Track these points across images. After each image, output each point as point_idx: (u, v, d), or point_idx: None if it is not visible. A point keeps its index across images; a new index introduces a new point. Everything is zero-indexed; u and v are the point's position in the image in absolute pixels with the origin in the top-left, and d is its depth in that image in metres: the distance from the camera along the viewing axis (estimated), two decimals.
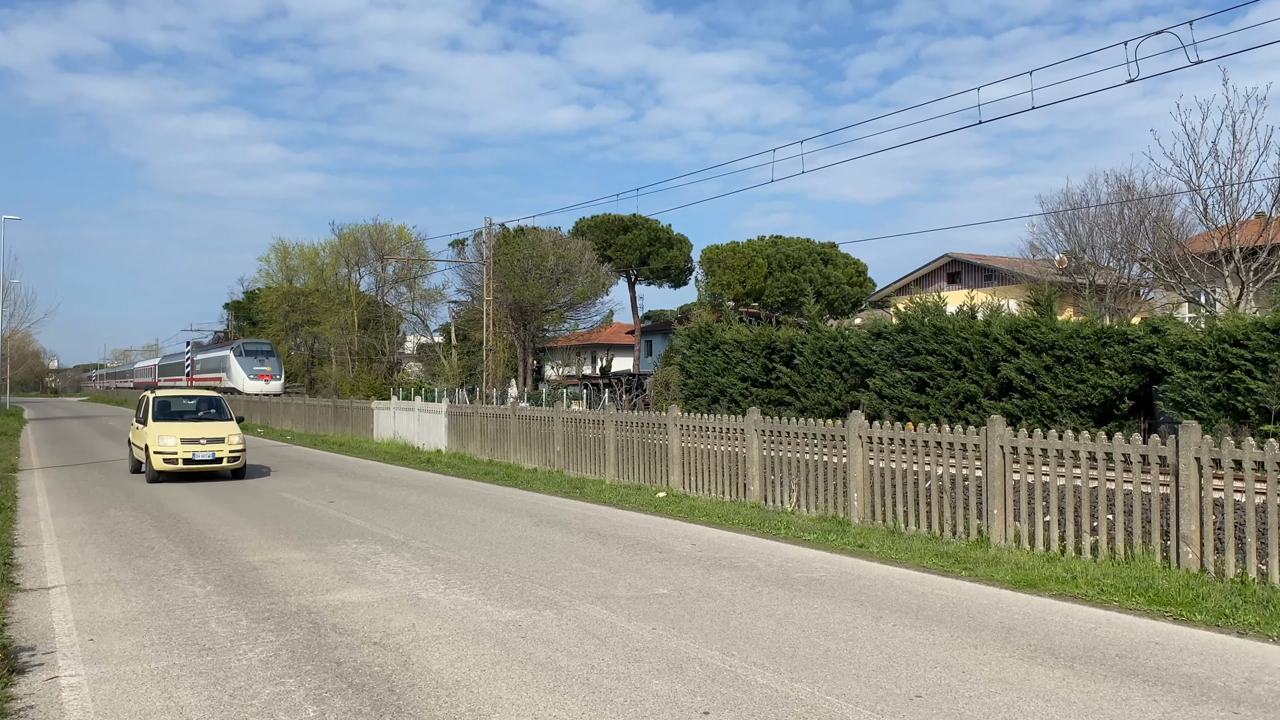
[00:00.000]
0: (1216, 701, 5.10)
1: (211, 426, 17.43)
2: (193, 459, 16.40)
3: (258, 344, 53.32)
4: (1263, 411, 14.08)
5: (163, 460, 16.29)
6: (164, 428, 16.91)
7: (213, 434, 16.98)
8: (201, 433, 16.99)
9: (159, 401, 18.14)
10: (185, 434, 16.76)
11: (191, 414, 18.31)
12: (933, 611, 7.08)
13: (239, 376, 50.09)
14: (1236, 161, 23.25)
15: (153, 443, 16.47)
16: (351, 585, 8.07)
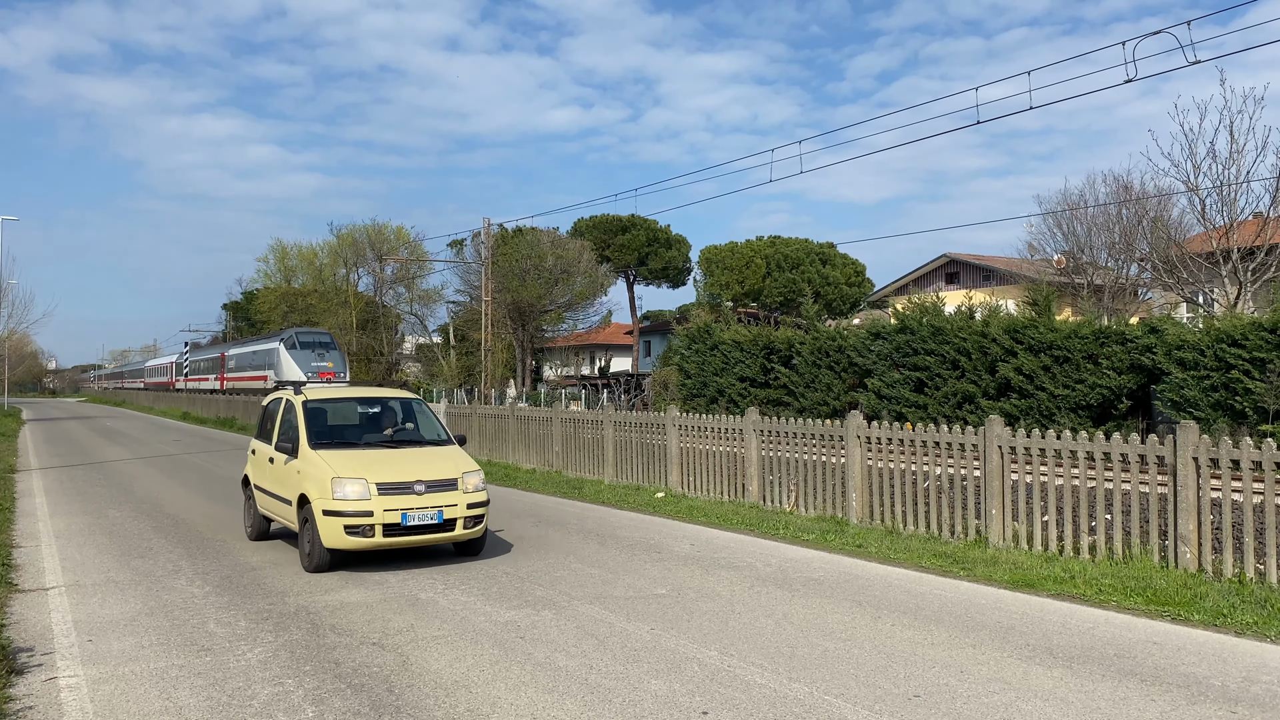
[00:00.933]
0: (1214, 701, 5.11)
1: (421, 457, 9.51)
2: (403, 524, 8.70)
3: (314, 334, 43.96)
4: (1260, 411, 14.09)
5: (344, 528, 8.59)
6: (338, 461, 9.04)
7: (430, 471, 9.14)
8: (410, 470, 9.09)
9: (312, 410, 10.03)
10: (383, 473, 8.92)
11: (375, 433, 10.19)
12: (931, 611, 7.09)
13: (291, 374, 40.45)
14: (1234, 161, 23.28)
15: (320, 491, 8.78)
16: (350, 585, 8.08)
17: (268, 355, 44.46)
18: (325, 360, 41.05)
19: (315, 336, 43.39)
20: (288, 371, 41.01)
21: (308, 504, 8.86)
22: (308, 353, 41.27)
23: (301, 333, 43.61)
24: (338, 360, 41.96)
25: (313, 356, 40.94)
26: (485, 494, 9.34)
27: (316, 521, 8.62)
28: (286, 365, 41.23)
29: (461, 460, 9.57)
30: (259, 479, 10.58)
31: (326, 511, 8.59)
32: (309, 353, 41.31)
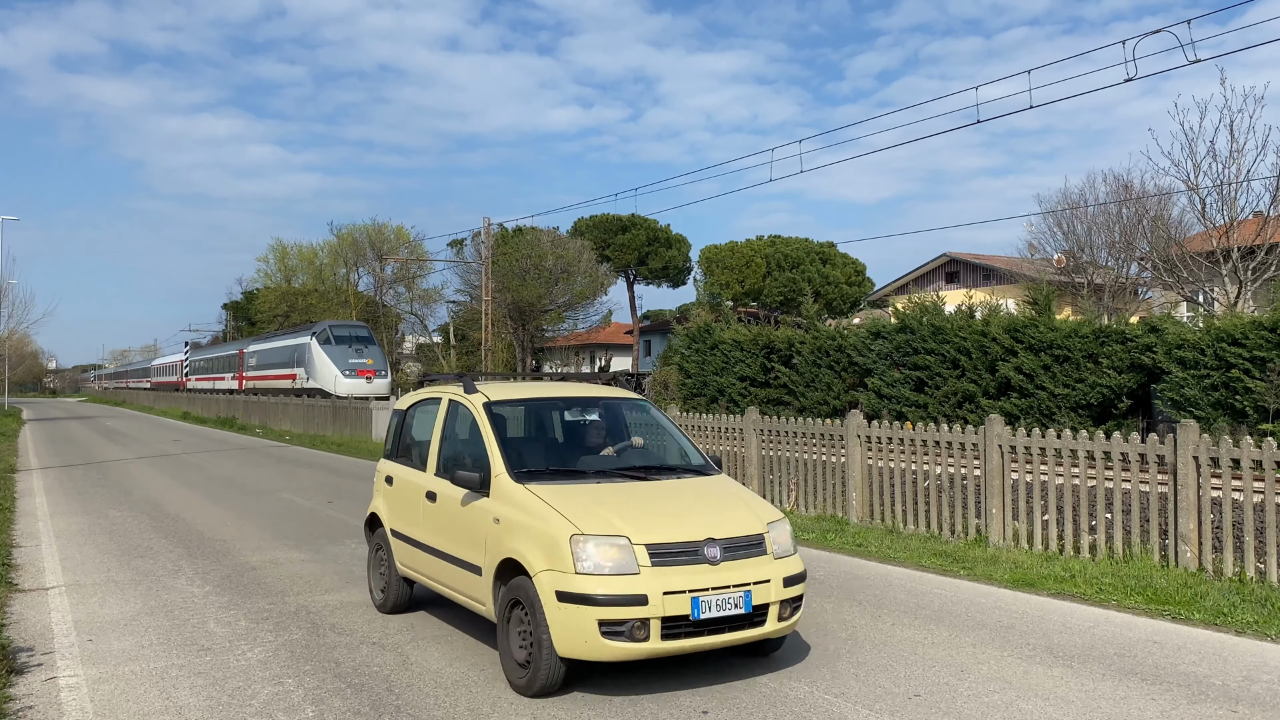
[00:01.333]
0: (1214, 700, 5.10)
1: (692, 496, 5.90)
2: (693, 618, 5.11)
3: (350, 327, 39.05)
4: (1261, 410, 14.09)
5: (598, 624, 4.98)
6: (571, 504, 5.43)
7: (720, 522, 5.47)
8: (690, 520, 5.45)
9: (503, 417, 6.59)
10: (651, 526, 5.30)
11: (596, 454, 6.61)
12: (931, 610, 7.09)
13: (325, 373, 36.06)
14: (1234, 161, 23.28)
15: (548, 556, 5.21)
16: (350, 585, 8.07)
17: (296, 351, 39.53)
18: (364, 357, 35.82)
19: (352, 330, 38.13)
20: (321, 370, 36.42)
21: (520, 577, 5.37)
22: (344, 348, 36.33)
23: (336, 326, 38.32)
24: (378, 357, 36.66)
25: (349, 353, 35.98)
26: (799, 559, 5.72)
27: (544, 611, 5.11)
28: (319, 363, 36.50)
29: (755, 502, 5.92)
30: (403, 522, 6.97)
31: (565, 595, 5.07)
32: (345, 348, 36.35)
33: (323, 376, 36.08)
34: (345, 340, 36.90)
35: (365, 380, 35.01)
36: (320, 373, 36.00)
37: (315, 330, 38.42)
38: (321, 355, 36.49)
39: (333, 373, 35.21)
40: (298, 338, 40.16)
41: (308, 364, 37.44)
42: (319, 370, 36.31)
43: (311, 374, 36.79)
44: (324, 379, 36.08)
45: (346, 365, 35.37)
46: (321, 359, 36.40)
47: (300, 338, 39.66)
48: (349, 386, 34.70)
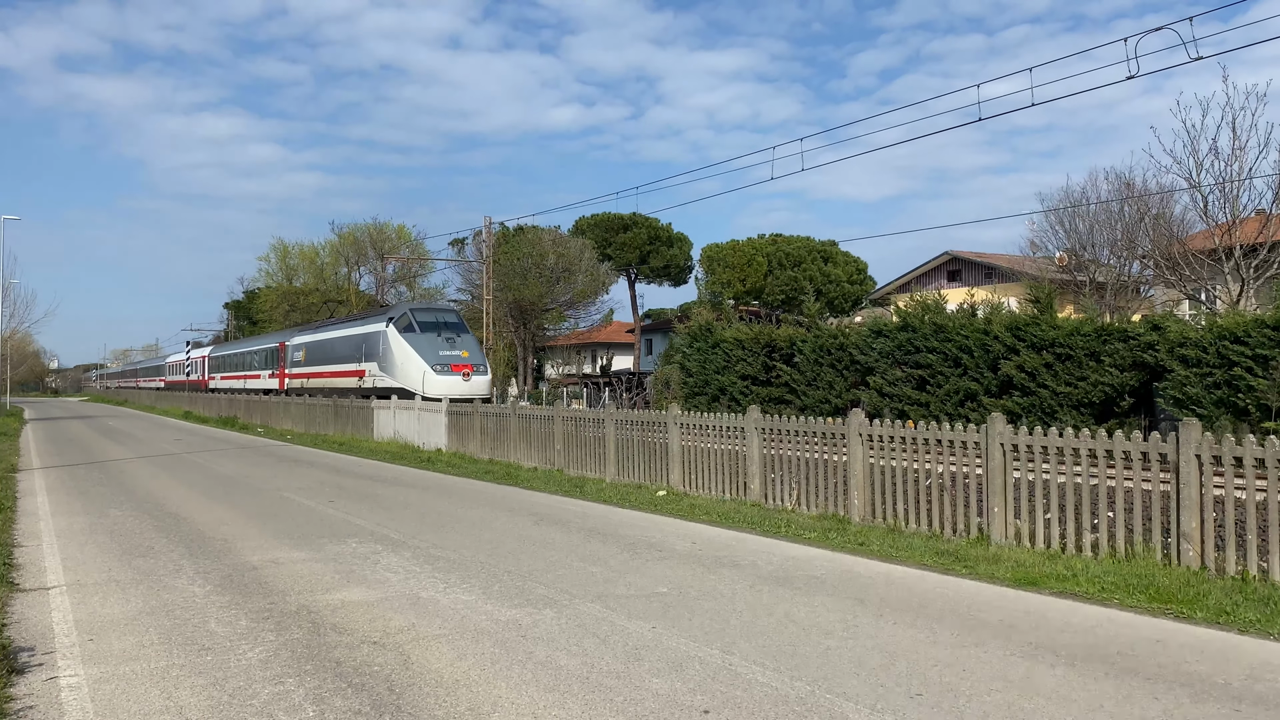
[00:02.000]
0: (1217, 699, 5.09)
1: None
2: None
3: (436, 310, 32.08)
4: (1263, 408, 14.07)
5: None
6: None
7: None
8: None
9: None
10: None
11: None
12: (933, 609, 7.08)
13: (409, 369, 28.91)
14: (1237, 158, 23.27)
15: None
16: (351, 585, 8.07)
17: (366, 342, 32.16)
18: (457, 349, 28.84)
19: (439, 315, 30.71)
20: (402, 365, 29.13)
21: None
22: (431, 337, 29.05)
23: (420, 310, 31.14)
24: (473, 348, 29.61)
25: (439, 343, 28.97)
26: None
27: None
28: (400, 356, 29.37)
29: None
30: None
31: None
32: (433, 337, 29.09)
33: (405, 373, 28.90)
34: (432, 327, 29.66)
35: (461, 378, 28.19)
36: (402, 368, 29.03)
37: (393, 315, 31.05)
38: (403, 346, 29.28)
39: (419, 368, 28.20)
40: (366, 325, 32.80)
41: (382, 358, 30.37)
42: (400, 365, 29.25)
43: (388, 370, 29.85)
44: (407, 376, 28.82)
45: (436, 358, 28.37)
46: (403, 351, 29.23)
47: (370, 325, 32.38)
48: (442, 386, 27.65)
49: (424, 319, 30.23)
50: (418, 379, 28.47)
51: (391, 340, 30.02)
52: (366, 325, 33.00)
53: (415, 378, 28.55)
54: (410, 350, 29.03)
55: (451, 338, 29.62)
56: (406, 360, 29.06)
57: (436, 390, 27.25)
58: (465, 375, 28.36)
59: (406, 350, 29.17)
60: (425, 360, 28.43)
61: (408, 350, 29.13)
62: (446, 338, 29.48)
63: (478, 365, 29.13)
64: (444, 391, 26.87)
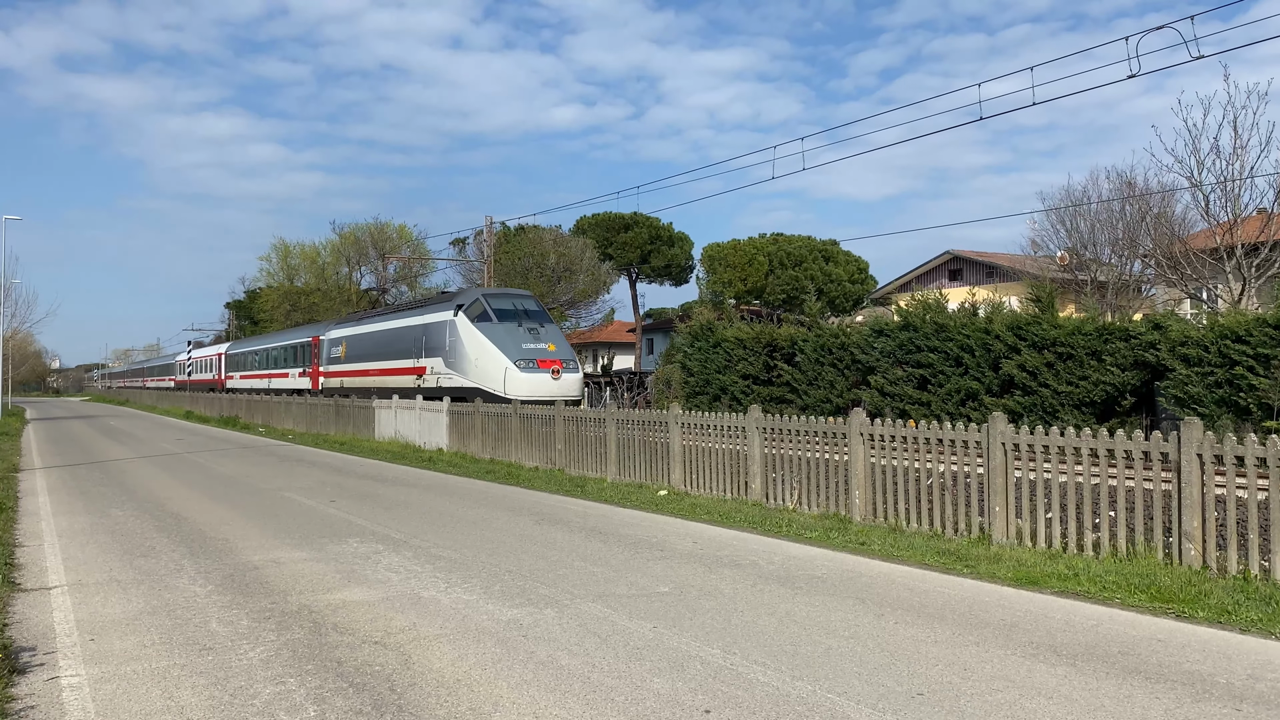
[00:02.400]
0: (1219, 698, 5.09)
1: None
2: None
3: (512, 296, 27.20)
4: (1265, 408, 14.06)
5: None
6: None
7: None
8: None
9: None
10: None
11: None
12: (934, 609, 7.07)
13: (488, 365, 24.47)
14: (1238, 157, 23.24)
15: None
16: (352, 584, 8.07)
17: (428, 334, 27.51)
18: (542, 340, 24.63)
19: (516, 301, 26.30)
20: (479, 360, 24.67)
21: None
22: (511, 327, 24.86)
23: (494, 295, 26.51)
24: (561, 341, 25.32)
25: (522, 334, 24.73)
26: None
27: None
28: (473, 350, 24.93)
29: None
30: None
31: None
32: (513, 327, 24.85)
33: (482, 370, 24.40)
34: (510, 315, 25.41)
35: (550, 376, 23.69)
36: (477, 365, 24.59)
37: (462, 301, 26.47)
38: (477, 339, 24.87)
39: (499, 365, 23.76)
40: (428, 313, 28.05)
41: (450, 352, 25.91)
42: (474, 361, 24.77)
43: (459, 366, 25.46)
44: (484, 373, 24.38)
45: (520, 353, 23.99)
46: (477, 344, 24.80)
47: (434, 313, 27.69)
48: (528, 385, 23.50)
49: (500, 305, 25.77)
50: (497, 377, 23.91)
51: (462, 331, 25.42)
52: (428, 314, 27.98)
53: (494, 375, 24.02)
54: (487, 343, 24.50)
55: (534, 328, 25.14)
56: (483, 355, 24.57)
57: (522, 390, 23.34)
58: (555, 373, 23.79)
59: (482, 343, 24.62)
60: (507, 355, 23.97)
61: (484, 343, 24.58)
62: (529, 328, 25.03)
63: (567, 361, 24.49)
64: (530, 392, 23.25)
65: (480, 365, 24.62)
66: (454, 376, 25.72)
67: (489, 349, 24.42)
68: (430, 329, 27.50)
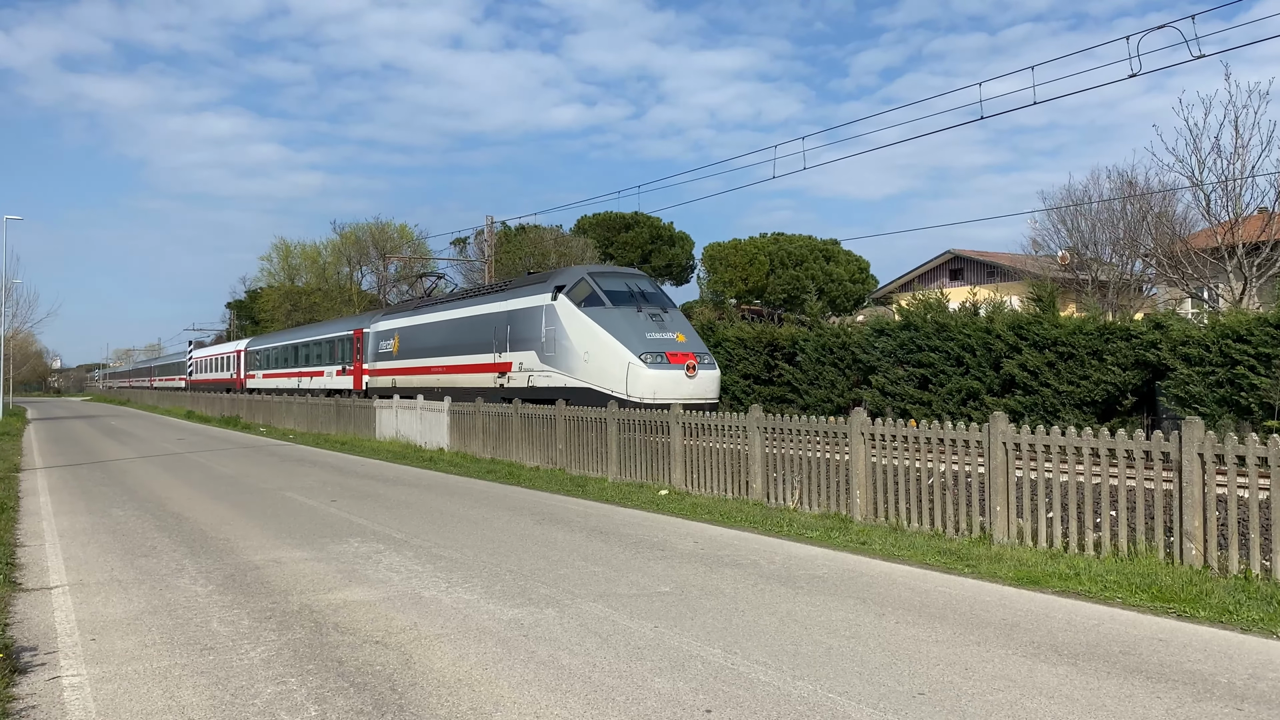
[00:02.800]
0: (1220, 698, 5.08)
1: None
2: None
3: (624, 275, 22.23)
4: (1266, 407, 14.05)
5: None
6: None
7: None
8: None
9: None
10: None
11: None
12: (935, 609, 7.07)
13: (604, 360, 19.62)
14: (1239, 157, 23.24)
15: None
16: (353, 584, 8.07)
17: (515, 323, 22.51)
18: (668, 329, 19.59)
19: (630, 282, 21.23)
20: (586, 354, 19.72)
21: None
22: (629, 312, 19.80)
23: (601, 274, 21.50)
24: (689, 331, 20.29)
25: (643, 321, 19.65)
26: None
27: None
28: (581, 341, 19.93)
29: None
30: None
31: None
32: (631, 313, 19.80)
33: (598, 365, 19.37)
34: (625, 298, 20.33)
35: (685, 372, 18.69)
36: (592, 359, 19.54)
37: (562, 282, 21.33)
38: (587, 328, 19.80)
39: (620, 359, 18.81)
40: (517, 298, 22.87)
41: (548, 344, 20.94)
42: (587, 354, 19.70)
43: (560, 361, 20.48)
44: (601, 370, 19.30)
45: (644, 344, 18.95)
46: (588, 334, 19.75)
47: (523, 297, 22.54)
48: (657, 384, 18.48)
49: (612, 286, 20.67)
50: (616, 374, 18.90)
51: (564, 318, 20.45)
52: (514, 298, 22.99)
53: (613, 372, 19.00)
54: (601, 333, 19.48)
55: (656, 314, 20.05)
56: (596, 348, 19.51)
57: (649, 390, 18.38)
58: (690, 369, 18.82)
59: (594, 333, 19.62)
60: (629, 347, 18.89)
61: (596, 333, 19.57)
62: (650, 314, 19.93)
63: (701, 354, 19.45)
64: (661, 393, 18.30)
65: (594, 360, 19.57)
66: (553, 374, 20.87)
67: (604, 340, 19.37)
68: (518, 317, 22.50)
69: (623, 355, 18.99)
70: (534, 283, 22.97)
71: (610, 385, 19.07)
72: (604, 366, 19.35)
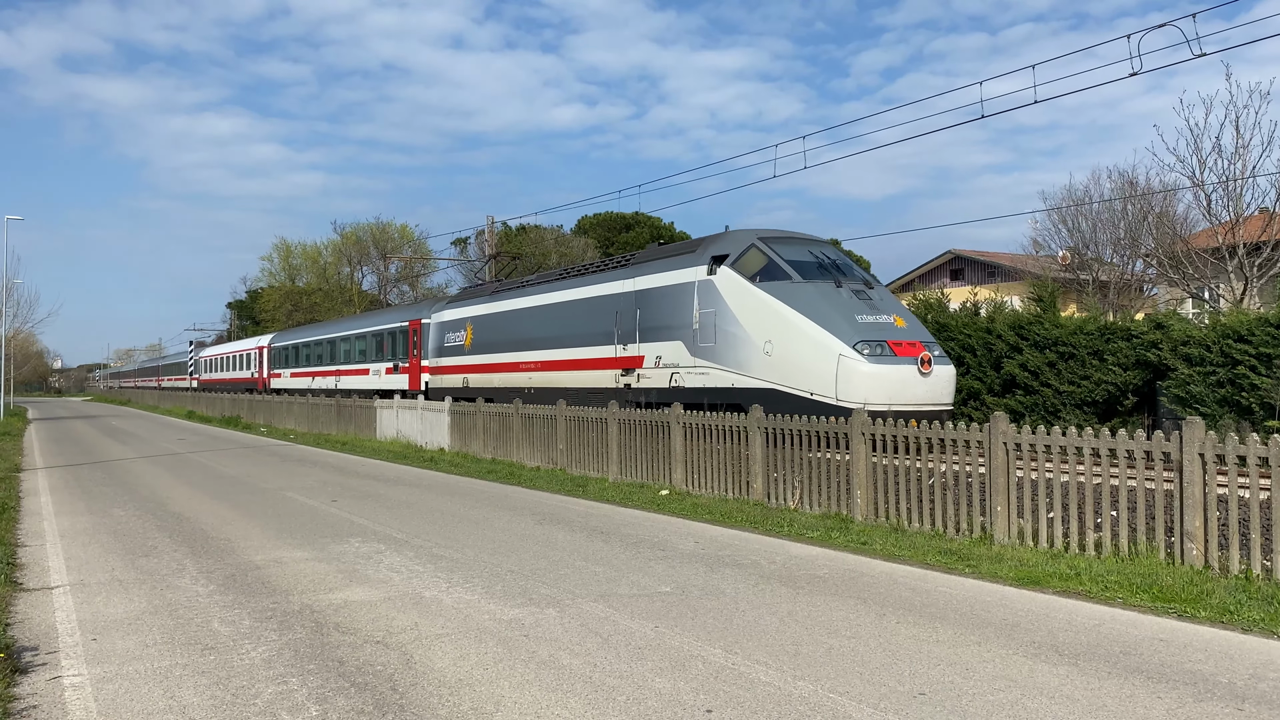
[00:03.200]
0: (1221, 698, 5.08)
1: None
2: None
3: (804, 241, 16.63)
4: (1267, 407, 14.05)
5: None
6: None
7: None
8: None
9: None
10: None
11: None
12: (936, 609, 7.07)
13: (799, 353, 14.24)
14: (1240, 157, 23.24)
15: None
16: (354, 584, 8.07)
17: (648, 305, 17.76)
18: (882, 311, 15.00)
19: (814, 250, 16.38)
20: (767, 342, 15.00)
21: None
22: (826, 288, 15.11)
23: (776, 239, 16.47)
24: (906, 314, 15.76)
25: (848, 300, 14.93)
26: None
27: None
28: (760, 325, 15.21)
29: None
30: None
31: None
32: (830, 289, 15.12)
33: (793, 360, 14.62)
34: (815, 270, 15.65)
35: (915, 367, 14.08)
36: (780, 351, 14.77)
37: (724, 251, 16.41)
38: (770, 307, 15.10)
39: (829, 350, 14.08)
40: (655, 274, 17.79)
41: (704, 331, 16.17)
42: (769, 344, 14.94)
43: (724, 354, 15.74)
44: (795, 366, 14.59)
45: (858, 330, 14.29)
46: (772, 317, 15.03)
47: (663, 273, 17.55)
48: (882, 384, 13.88)
49: (795, 255, 15.70)
50: (822, 371, 13.98)
51: (730, 297, 15.53)
52: (650, 274, 17.78)
53: (816, 368, 14.10)
54: (791, 315, 14.56)
55: (860, 290, 15.18)
56: (785, 335, 14.61)
57: (870, 393, 13.68)
58: (924, 363, 14.06)
59: (780, 315, 14.71)
60: (837, 335, 14.05)
61: (784, 315, 14.65)
62: (853, 290, 15.10)
63: (930, 344, 14.68)
64: (888, 396, 13.73)
65: (781, 353, 14.57)
66: (711, 371, 15.80)
67: (798, 325, 14.41)
68: (653, 298, 17.46)
69: (829, 345, 13.92)
70: (674, 254, 17.69)
71: (809, 386, 14.12)
72: (798, 361, 14.36)
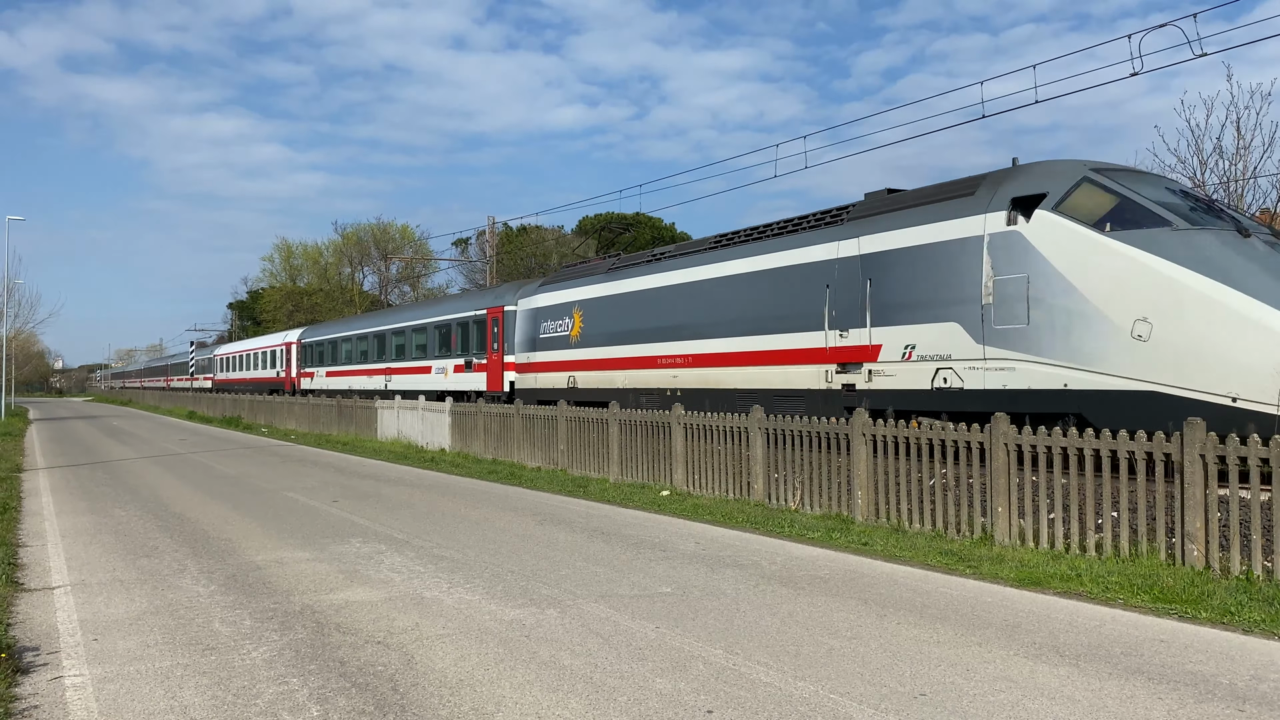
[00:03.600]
0: (1221, 699, 5.08)
1: None
2: None
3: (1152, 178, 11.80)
4: None
5: None
6: None
7: None
8: None
9: None
10: None
11: None
12: (937, 609, 7.07)
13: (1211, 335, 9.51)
14: (1241, 158, 23.21)
15: None
16: (355, 584, 8.08)
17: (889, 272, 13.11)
18: None
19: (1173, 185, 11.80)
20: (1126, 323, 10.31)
21: None
22: (1228, 237, 10.22)
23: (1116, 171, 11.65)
24: None
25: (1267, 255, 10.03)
26: None
27: None
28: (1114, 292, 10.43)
29: None
30: None
31: None
32: (1232, 238, 10.19)
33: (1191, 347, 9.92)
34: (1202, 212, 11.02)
35: None
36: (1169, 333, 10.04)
37: (1034, 190, 11.61)
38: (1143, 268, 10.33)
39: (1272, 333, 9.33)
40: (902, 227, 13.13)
41: (1003, 305, 11.61)
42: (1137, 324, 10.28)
43: (1048, 341, 11.13)
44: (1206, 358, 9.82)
45: None
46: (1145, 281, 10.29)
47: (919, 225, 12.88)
48: None
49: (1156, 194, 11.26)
50: (1261, 366, 9.63)
51: (1061, 255, 11.22)
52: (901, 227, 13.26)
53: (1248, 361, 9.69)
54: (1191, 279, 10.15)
55: (1273, 241, 10.83)
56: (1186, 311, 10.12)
57: None
58: None
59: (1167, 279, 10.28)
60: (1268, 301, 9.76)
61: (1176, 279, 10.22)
62: (1266, 241, 10.65)
63: None
64: None
65: (1172, 337, 10.20)
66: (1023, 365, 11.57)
67: (1208, 294, 10.06)
68: (897, 262, 13.21)
69: (1271, 326, 9.65)
70: (930, 199, 13.09)
71: (1231, 388, 9.86)
72: (1208, 349, 10.00)
